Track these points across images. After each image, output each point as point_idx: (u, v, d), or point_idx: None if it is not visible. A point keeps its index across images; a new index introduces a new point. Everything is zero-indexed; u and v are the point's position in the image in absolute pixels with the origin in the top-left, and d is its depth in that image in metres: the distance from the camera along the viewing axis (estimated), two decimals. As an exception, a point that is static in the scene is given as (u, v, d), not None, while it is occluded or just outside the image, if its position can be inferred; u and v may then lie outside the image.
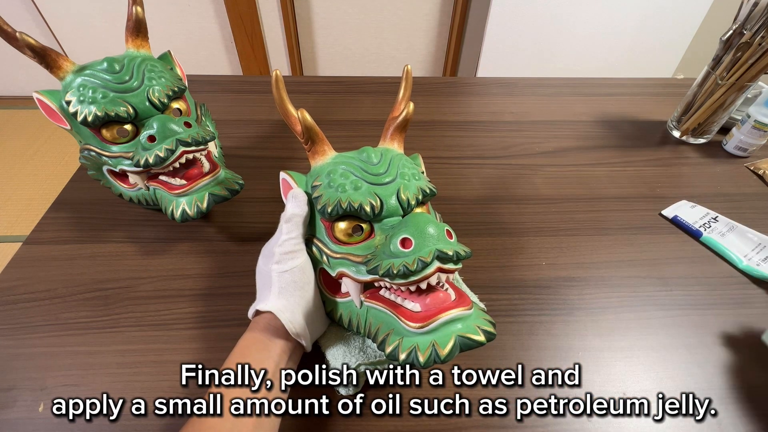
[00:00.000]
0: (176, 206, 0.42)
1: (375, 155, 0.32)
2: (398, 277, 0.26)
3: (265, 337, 0.30)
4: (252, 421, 0.27)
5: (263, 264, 0.33)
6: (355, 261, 0.30)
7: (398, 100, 0.37)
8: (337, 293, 0.34)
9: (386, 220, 0.31)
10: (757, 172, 0.58)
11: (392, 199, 0.31)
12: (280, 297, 0.31)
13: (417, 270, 0.25)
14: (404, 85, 0.37)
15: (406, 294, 0.28)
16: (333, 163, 0.33)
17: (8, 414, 0.33)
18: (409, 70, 0.37)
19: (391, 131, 0.36)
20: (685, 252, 0.47)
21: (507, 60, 1.41)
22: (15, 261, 0.44)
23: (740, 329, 0.40)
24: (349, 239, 0.31)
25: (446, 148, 0.61)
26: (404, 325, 0.27)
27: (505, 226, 0.50)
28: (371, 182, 0.31)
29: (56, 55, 0.40)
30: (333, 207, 0.30)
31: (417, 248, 0.26)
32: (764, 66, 0.52)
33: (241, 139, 0.61)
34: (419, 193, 0.32)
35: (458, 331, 0.26)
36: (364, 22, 1.57)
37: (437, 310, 0.26)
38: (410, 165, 0.33)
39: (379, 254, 0.28)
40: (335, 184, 0.31)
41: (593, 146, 0.62)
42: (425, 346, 0.26)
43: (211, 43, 1.62)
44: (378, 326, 0.30)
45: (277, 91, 0.34)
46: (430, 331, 0.26)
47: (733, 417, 0.34)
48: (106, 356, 0.37)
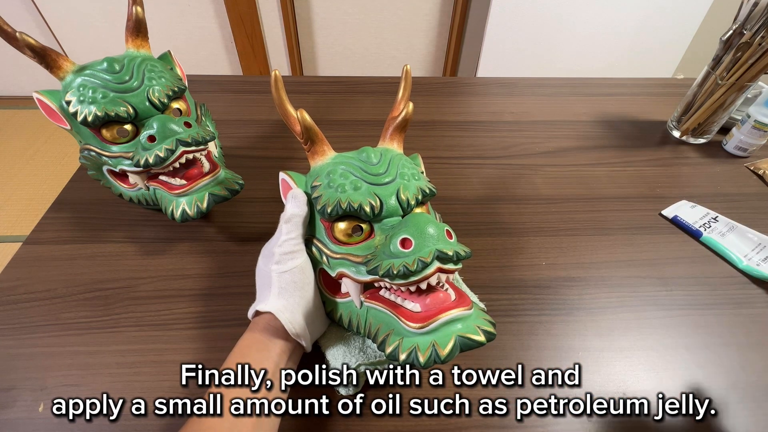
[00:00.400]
0: (176, 206, 0.42)
1: (374, 155, 0.32)
2: (398, 277, 0.26)
3: (264, 337, 0.30)
4: (251, 421, 0.27)
5: (263, 264, 0.33)
6: (355, 261, 0.30)
7: (398, 99, 0.37)
8: (337, 293, 0.34)
9: (386, 221, 0.31)
10: (757, 172, 0.58)
11: (392, 199, 0.30)
12: (279, 297, 0.31)
13: (417, 270, 0.25)
14: (404, 85, 0.37)
15: (406, 294, 0.28)
16: (332, 163, 0.33)
17: (8, 414, 0.33)
18: (408, 70, 0.37)
19: (391, 131, 0.36)
20: (685, 252, 0.47)
21: (507, 60, 1.41)
22: (15, 261, 0.44)
23: (740, 329, 0.40)
24: (349, 239, 0.31)
25: (446, 148, 0.61)
26: (404, 325, 0.27)
27: (505, 226, 0.50)
28: (371, 182, 0.31)
29: (56, 55, 0.40)
30: (333, 207, 0.30)
31: (417, 248, 0.26)
32: (764, 66, 0.52)
33: (241, 139, 0.61)
34: (419, 193, 0.31)
35: (458, 331, 0.26)
36: (364, 22, 1.57)
37: (437, 311, 0.26)
38: (410, 165, 0.33)
39: (379, 254, 0.28)
40: (335, 184, 0.31)
41: (593, 146, 0.62)
42: (425, 347, 0.26)
43: (211, 43, 1.62)
44: (378, 326, 0.30)
45: (276, 92, 0.34)
46: (430, 331, 0.26)
47: (733, 417, 0.34)
48: (106, 356, 0.37)
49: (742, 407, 0.35)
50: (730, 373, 0.37)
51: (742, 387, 0.36)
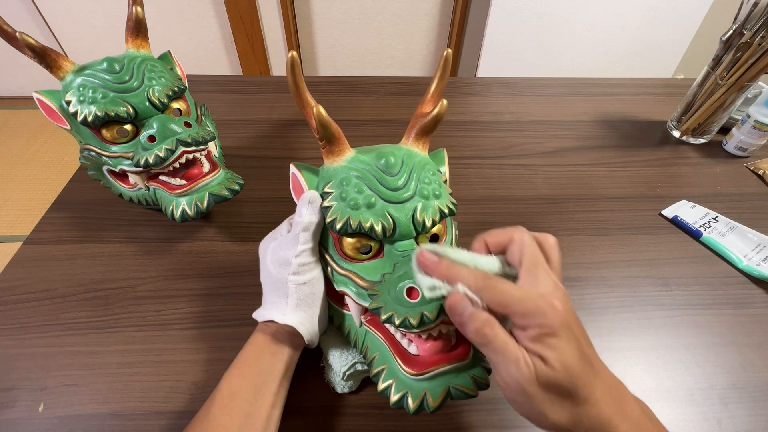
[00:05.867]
0: (176, 206, 0.42)
1: (396, 163, 0.29)
2: (400, 327, 0.25)
3: (276, 340, 0.30)
4: (263, 418, 0.27)
5: (274, 269, 0.32)
6: (359, 284, 0.29)
7: (429, 93, 0.32)
8: (339, 303, 0.33)
9: (398, 244, 0.28)
10: (757, 172, 0.58)
11: (407, 219, 0.28)
12: (298, 310, 0.30)
13: (419, 325, 0.24)
14: (439, 74, 0.32)
15: (406, 331, 0.27)
16: (347, 168, 0.30)
17: (8, 414, 0.33)
18: (448, 56, 0.31)
19: (416, 131, 0.31)
20: (685, 252, 0.47)
21: (507, 60, 1.41)
22: (15, 261, 0.44)
23: (740, 329, 0.40)
24: (357, 255, 0.30)
25: (446, 148, 0.61)
26: (400, 367, 0.27)
27: (505, 226, 0.49)
28: (386, 199, 0.28)
29: (56, 55, 0.40)
30: (342, 224, 0.28)
31: (423, 300, 0.25)
32: (764, 66, 0.52)
33: (241, 139, 0.61)
34: (437, 214, 0.29)
35: (452, 382, 0.26)
36: (364, 22, 1.57)
37: (436, 359, 0.26)
38: (432, 176, 0.30)
39: (384, 293, 0.27)
40: (347, 197, 0.28)
41: (593, 146, 0.62)
42: (417, 394, 0.26)
43: (211, 43, 1.62)
44: (374, 356, 0.29)
45: (292, 77, 0.29)
46: (424, 379, 0.26)
47: (733, 417, 0.34)
48: (106, 356, 0.37)
49: (742, 407, 0.35)
50: (730, 373, 0.37)
51: (742, 387, 0.36)
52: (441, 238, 0.31)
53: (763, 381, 0.36)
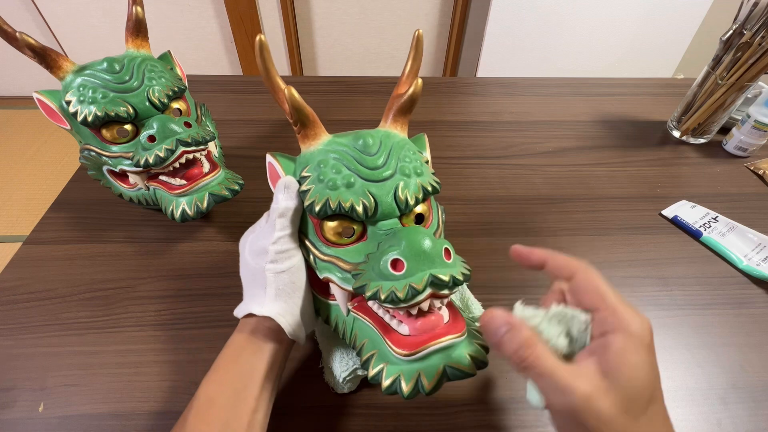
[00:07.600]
0: (176, 206, 0.42)
1: (373, 143, 0.28)
2: (386, 302, 0.23)
3: (257, 338, 0.28)
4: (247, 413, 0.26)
5: (252, 260, 0.31)
6: (343, 268, 0.28)
7: (404, 73, 0.31)
8: (325, 294, 0.32)
9: (381, 223, 0.27)
10: (757, 172, 0.58)
11: (388, 198, 0.27)
12: (277, 300, 0.29)
13: (407, 298, 0.23)
14: (413, 55, 0.31)
15: (395, 312, 0.26)
16: (324, 151, 0.29)
17: (8, 414, 0.33)
18: (420, 35, 0.31)
19: (394, 112, 0.31)
20: (685, 252, 0.47)
21: (507, 60, 1.41)
22: (15, 261, 0.44)
23: (740, 329, 0.40)
24: (339, 240, 0.28)
25: (446, 148, 0.61)
26: (390, 350, 0.25)
27: (505, 226, 0.50)
28: (366, 178, 0.27)
29: (56, 55, 0.40)
30: (321, 206, 0.27)
31: (409, 272, 0.23)
32: (764, 66, 0.52)
33: (241, 139, 0.61)
34: (420, 191, 0.28)
35: (447, 360, 0.24)
36: (364, 22, 1.57)
37: (427, 337, 0.24)
38: (413, 155, 0.29)
39: (368, 271, 0.25)
40: (325, 179, 0.27)
41: (593, 146, 0.62)
42: (410, 376, 0.24)
43: (211, 43, 1.62)
44: (363, 342, 0.28)
45: (261, 61, 0.28)
46: (417, 360, 0.24)
47: (733, 417, 0.34)
48: (106, 356, 0.37)
49: (742, 407, 0.35)
50: (730, 373, 0.37)
51: (742, 387, 0.36)
52: (426, 220, 0.30)
53: (763, 381, 0.36)
